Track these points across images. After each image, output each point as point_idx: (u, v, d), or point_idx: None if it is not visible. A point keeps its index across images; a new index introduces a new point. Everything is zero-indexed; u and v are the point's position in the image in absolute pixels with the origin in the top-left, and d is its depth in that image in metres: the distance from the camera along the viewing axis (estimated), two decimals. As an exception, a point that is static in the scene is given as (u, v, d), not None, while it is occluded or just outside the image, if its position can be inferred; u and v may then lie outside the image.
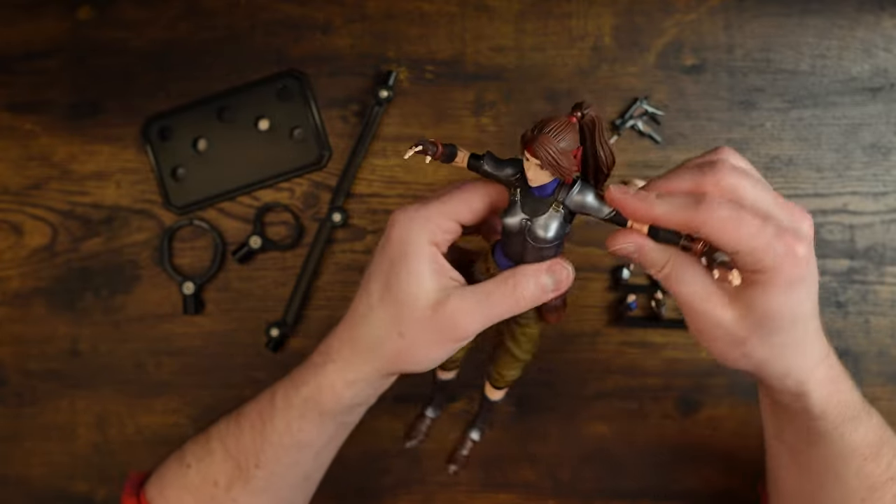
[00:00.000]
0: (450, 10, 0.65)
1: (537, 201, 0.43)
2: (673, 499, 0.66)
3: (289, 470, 0.52)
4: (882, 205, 0.64)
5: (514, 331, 0.48)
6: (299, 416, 0.49)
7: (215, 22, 0.67)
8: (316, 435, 0.51)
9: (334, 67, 0.66)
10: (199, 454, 0.54)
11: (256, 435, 0.51)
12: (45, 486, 0.69)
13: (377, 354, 0.45)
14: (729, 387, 0.65)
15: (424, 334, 0.43)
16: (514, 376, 0.51)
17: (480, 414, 0.55)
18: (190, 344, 0.68)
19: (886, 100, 0.64)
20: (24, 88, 0.68)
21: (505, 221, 0.43)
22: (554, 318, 0.46)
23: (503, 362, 0.50)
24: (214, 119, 0.66)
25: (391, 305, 0.44)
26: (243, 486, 0.52)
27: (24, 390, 0.69)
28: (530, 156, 0.40)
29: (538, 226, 0.43)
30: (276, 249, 0.67)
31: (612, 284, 0.65)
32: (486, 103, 0.65)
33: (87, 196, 0.68)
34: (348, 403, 0.49)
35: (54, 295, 0.68)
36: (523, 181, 0.42)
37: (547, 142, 0.39)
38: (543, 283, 0.43)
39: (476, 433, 0.56)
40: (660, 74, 0.64)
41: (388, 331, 0.44)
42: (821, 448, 0.48)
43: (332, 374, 0.47)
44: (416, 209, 0.44)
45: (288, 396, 0.50)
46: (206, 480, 0.53)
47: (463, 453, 0.56)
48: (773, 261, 0.39)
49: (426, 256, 0.43)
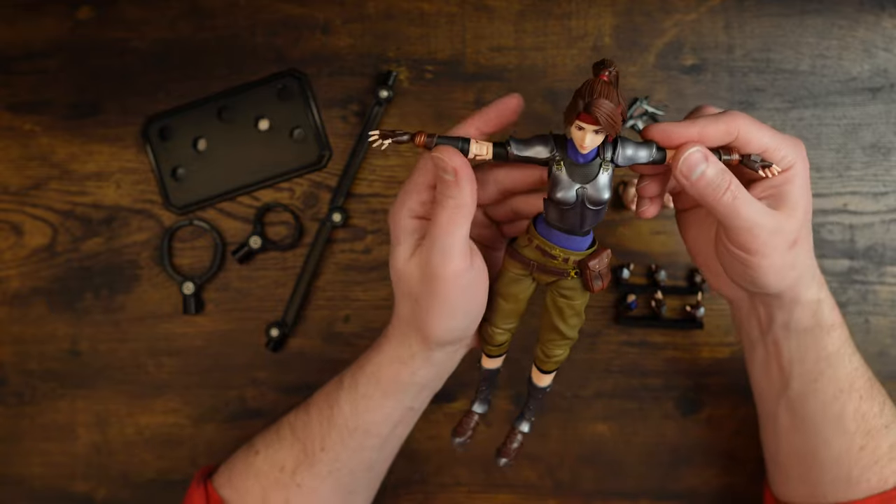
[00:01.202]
0: (450, 10, 0.65)
1: (584, 168, 0.44)
2: (673, 499, 0.66)
3: (353, 455, 0.54)
4: (882, 205, 0.64)
5: (559, 305, 0.48)
6: (364, 396, 0.52)
7: (215, 22, 0.67)
8: (380, 417, 0.52)
9: (334, 67, 0.66)
10: (268, 440, 0.56)
11: (324, 419, 0.53)
12: (45, 486, 0.69)
13: (413, 326, 0.48)
14: (729, 387, 0.65)
15: (427, 292, 0.46)
16: (561, 357, 0.50)
17: (529, 403, 0.53)
18: (190, 344, 0.68)
19: (886, 100, 0.64)
20: (24, 88, 0.68)
21: (558, 196, 0.43)
22: (598, 286, 0.46)
23: (550, 341, 0.49)
24: (214, 119, 0.66)
25: (398, 283, 0.48)
26: (308, 469, 0.54)
27: (24, 390, 0.69)
28: (587, 123, 0.41)
29: (595, 189, 0.44)
30: (276, 249, 0.67)
31: (612, 284, 0.65)
32: (486, 103, 0.65)
33: (87, 196, 0.68)
34: (407, 381, 0.51)
35: (54, 295, 0.68)
36: (562, 153, 0.44)
37: (604, 105, 0.40)
38: (441, 176, 0.44)
39: (526, 425, 0.53)
40: (660, 74, 0.65)
41: (409, 304, 0.48)
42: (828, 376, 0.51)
43: (389, 352, 0.51)
44: (398, 195, 0.47)
45: (354, 377, 0.53)
46: (273, 466, 0.55)
47: (514, 446, 0.53)
48: (795, 151, 0.45)
49: (407, 230, 0.47)
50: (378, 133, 0.43)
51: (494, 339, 0.50)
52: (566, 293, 0.47)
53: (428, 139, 0.43)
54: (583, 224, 0.44)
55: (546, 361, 0.50)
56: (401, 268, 0.47)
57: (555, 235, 0.45)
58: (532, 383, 0.52)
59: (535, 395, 0.52)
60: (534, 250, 0.46)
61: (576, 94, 0.41)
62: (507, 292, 0.48)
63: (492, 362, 0.52)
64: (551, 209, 0.44)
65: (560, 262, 0.45)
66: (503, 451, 0.53)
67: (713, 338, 0.65)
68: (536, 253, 0.46)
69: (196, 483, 0.57)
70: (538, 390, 0.52)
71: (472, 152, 0.44)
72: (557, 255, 0.45)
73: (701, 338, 0.65)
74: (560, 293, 0.47)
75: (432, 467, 0.67)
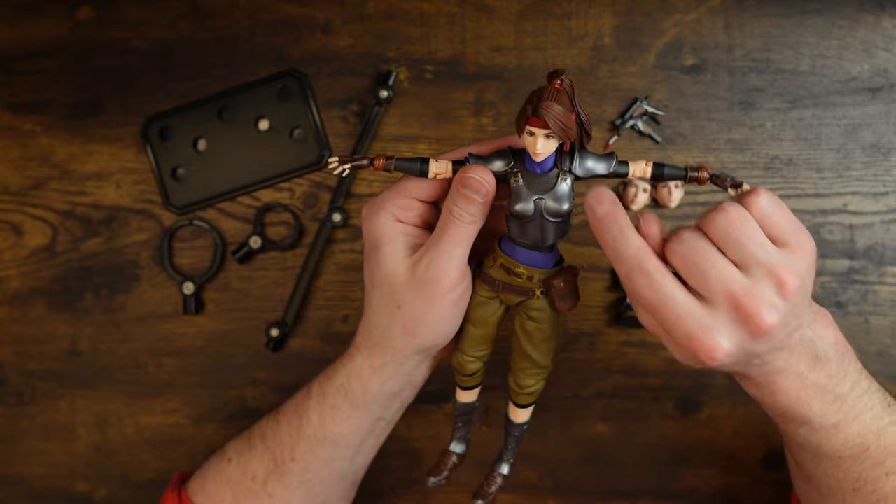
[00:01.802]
0: (450, 10, 0.65)
1: (541, 178, 0.44)
2: (673, 498, 0.66)
3: (323, 466, 0.54)
4: (882, 205, 0.64)
5: (528, 328, 0.47)
6: (332, 406, 0.52)
7: (215, 22, 0.67)
8: (349, 429, 0.52)
9: (334, 67, 0.66)
10: (239, 448, 0.56)
11: (293, 429, 0.53)
12: (45, 486, 0.69)
13: (389, 335, 0.48)
14: (729, 387, 0.65)
15: (416, 298, 0.46)
16: (535, 388, 0.49)
17: (508, 443, 0.51)
18: (190, 344, 0.68)
19: (886, 100, 0.64)
20: (24, 88, 0.68)
21: (516, 209, 0.44)
22: (565, 306, 0.46)
23: (522, 370, 0.48)
24: (214, 119, 0.66)
25: (381, 287, 0.47)
26: (279, 479, 0.54)
27: (24, 390, 0.69)
28: (536, 127, 0.41)
29: (554, 199, 0.44)
30: (276, 249, 0.67)
31: (612, 284, 0.65)
32: (486, 103, 0.65)
33: (87, 196, 0.68)
34: (376, 391, 0.50)
35: (54, 295, 0.68)
36: (520, 165, 0.44)
37: (551, 108, 0.40)
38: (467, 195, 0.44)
39: (506, 467, 0.51)
40: (660, 74, 0.64)
41: (389, 310, 0.47)
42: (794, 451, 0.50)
43: (359, 362, 0.50)
44: (374, 200, 0.47)
45: (322, 388, 0.52)
46: (245, 474, 0.54)
47: (492, 490, 0.50)
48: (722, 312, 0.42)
49: (393, 235, 0.46)
50: (337, 159, 0.44)
51: (465, 368, 0.49)
52: (533, 314, 0.47)
53: (387, 162, 0.45)
54: (545, 238, 0.44)
55: (520, 393, 0.49)
56: (389, 271, 0.46)
57: (518, 252, 0.45)
58: (509, 420, 0.50)
59: (513, 433, 0.51)
60: (498, 269, 0.46)
61: (525, 101, 0.42)
62: (475, 316, 0.47)
63: (466, 395, 0.51)
64: (512, 224, 0.45)
65: (524, 281, 0.45)
66: (480, 494, 0.51)
67: (713, 338, 0.65)
68: (501, 272, 0.46)
69: (171, 489, 0.57)
70: (516, 427, 0.50)
71: (433, 171, 0.45)
72: (521, 272, 0.45)
73: (701, 338, 0.65)
74: (527, 315, 0.47)
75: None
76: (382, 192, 0.47)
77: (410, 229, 0.47)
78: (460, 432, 0.51)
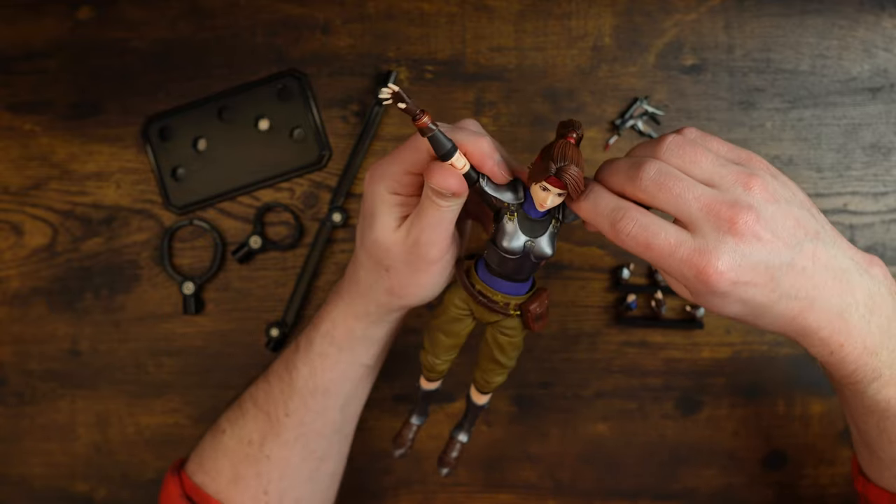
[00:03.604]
0: (450, 10, 0.65)
1: (535, 222, 0.45)
2: (672, 498, 0.66)
3: (317, 418, 0.55)
4: (882, 205, 0.64)
5: (500, 342, 0.49)
6: (319, 354, 0.54)
7: (215, 22, 0.67)
8: (338, 374, 0.54)
9: (334, 67, 0.66)
10: (232, 417, 0.57)
11: (284, 385, 0.55)
12: (45, 486, 0.69)
13: (375, 291, 0.50)
14: (729, 387, 0.65)
15: (405, 264, 0.48)
16: (499, 382, 0.52)
17: (468, 416, 0.55)
18: (190, 344, 0.68)
19: (886, 100, 0.64)
20: (24, 88, 0.68)
21: (504, 246, 0.45)
22: (538, 326, 0.48)
23: (489, 371, 0.51)
24: (214, 119, 0.66)
25: (371, 249, 0.49)
26: (275, 439, 0.55)
27: (24, 390, 0.69)
28: (554, 186, 0.42)
29: (543, 244, 0.45)
30: (276, 249, 0.67)
31: (612, 284, 0.65)
32: (486, 103, 0.65)
33: (87, 196, 0.68)
34: (360, 335, 0.53)
35: (54, 295, 0.68)
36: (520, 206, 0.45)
37: (573, 172, 0.42)
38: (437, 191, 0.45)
39: (464, 435, 0.56)
40: (660, 74, 0.65)
41: (377, 270, 0.49)
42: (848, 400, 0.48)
43: (343, 308, 0.53)
44: (377, 166, 0.48)
45: (309, 337, 0.54)
46: (240, 441, 0.55)
47: (453, 455, 0.56)
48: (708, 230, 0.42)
49: (388, 204, 0.48)
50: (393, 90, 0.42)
51: (436, 369, 0.52)
52: (507, 332, 0.49)
53: (429, 127, 0.43)
54: (521, 273, 0.46)
55: (485, 386, 0.52)
56: (380, 240, 0.48)
57: (495, 282, 0.47)
58: (472, 401, 0.54)
59: (474, 412, 0.55)
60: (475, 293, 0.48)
61: (545, 155, 0.42)
62: (448, 329, 0.50)
63: (431, 385, 0.54)
64: (494, 254, 0.46)
65: (501, 307, 0.47)
66: (444, 460, 0.55)
67: (713, 338, 0.65)
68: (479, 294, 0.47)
69: (170, 473, 0.58)
70: (477, 408, 0.54)
71: (454, 159, 0.44)
72: (499, 300, 0.47)
73: (701, 338, 0.65)
74: (501, 332, 0.49)
75: (432, 467, 0.67)
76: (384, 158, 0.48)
77: (405, 200, 0.48)
78: (421, 408, 0.55)
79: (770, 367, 0.65)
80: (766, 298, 0.42)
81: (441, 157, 0.43)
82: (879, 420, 0.47)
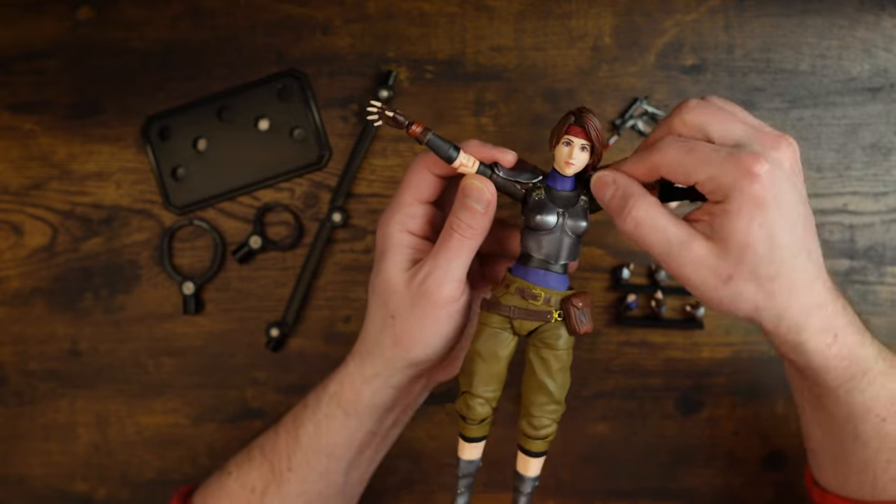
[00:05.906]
0: (450, 10, 0.65)
1: (563, 195, 0.45)
2: (673, 498, 0.66)
3: (320, 478, 0.54)
4: (882, 205, 0.64)
5: (543, 356, 0.44)
6: (326, 415, 0.52)
7: (215, 22, 0.67)
8: (343, 439, 0.52)
9: (334, 67, 0.66)
10: (239, 461, 0.56)
11: (290, 438, 0.53)
12: (45, 486, 0.69)
13: (381, 344, 0.48)
14: (729, 387, 0.65)
15: (410, 310, 0.46)
16: (550, 430, 0.45)
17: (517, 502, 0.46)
18: (190, 344, 0.68)
19: (886, 100, 0.64)
20: (24, 88, 0.68)
21: (538, 220, 0.44)
22: (584, 328, 0.44)
23: (537, 405, 0.44)
24: (214, 119, 0.66)
25: (378, 295, 0.48)
26: (277, 490, 0.54)
27: (24, 390, 0.69)
28: (575, 136, 0.42)
29: (576, 216, 0.44)
30: (276, 249, 0.67)
31: (612, 284, 0.65)
32: (486, 103, 0.65)
33: (87, 196, 0.68)
34: (367, 402, 0.51)
35: (54, 295, 0.68)
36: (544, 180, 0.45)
37: (592, 119, 0.42)
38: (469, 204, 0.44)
39: None
40: (660, 74, 0.65)
41: (383, 318, 0.48)
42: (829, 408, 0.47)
43: (352, 370, 0.51)
44: (387, 208, 0.48)
45: (318, 397, 0.53)
46: (244, 487, 0.55)
47: None
48: (732, 181, 0.40)
49: (400, 245, 0.47)
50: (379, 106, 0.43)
51: (474, 412, 0.45)
52: (549, 340, 0.44)
53: (422, 132, 0.43)
54: (560, 254, 0.44)
55: (534, 435, 0.45)
56: (388, 280, 0.47)
57: (532, 274, 0.44)
58: (519, 475, 0.46)
59: (524, 490, 0.46)
60: (513, 295, 0.44)
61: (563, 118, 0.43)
62: (486, 350, 0.44)
63: (471, 450, 0.47)
64: (530, 238, 0.45)
65: (542, 304, 0.44)
66: None
67: (713, 338, 0.65)
68: (516, 298, 0.44)
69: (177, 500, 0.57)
70: (526, 483, 0.46)
71: (460, 161, 0.44)
72: (539, 294, 0.44)
73: (701, 338, 0.65)
74: (543, 342, 0.44)
75: (433, 467, 0.67)
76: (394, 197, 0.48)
77: (418, 242, 0.47)
78: (462, 499, 0.47)
79: (770, 367, 0.65)
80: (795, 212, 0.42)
81: (447, 160, 0.44)
82: (858, 424, 0.47)
